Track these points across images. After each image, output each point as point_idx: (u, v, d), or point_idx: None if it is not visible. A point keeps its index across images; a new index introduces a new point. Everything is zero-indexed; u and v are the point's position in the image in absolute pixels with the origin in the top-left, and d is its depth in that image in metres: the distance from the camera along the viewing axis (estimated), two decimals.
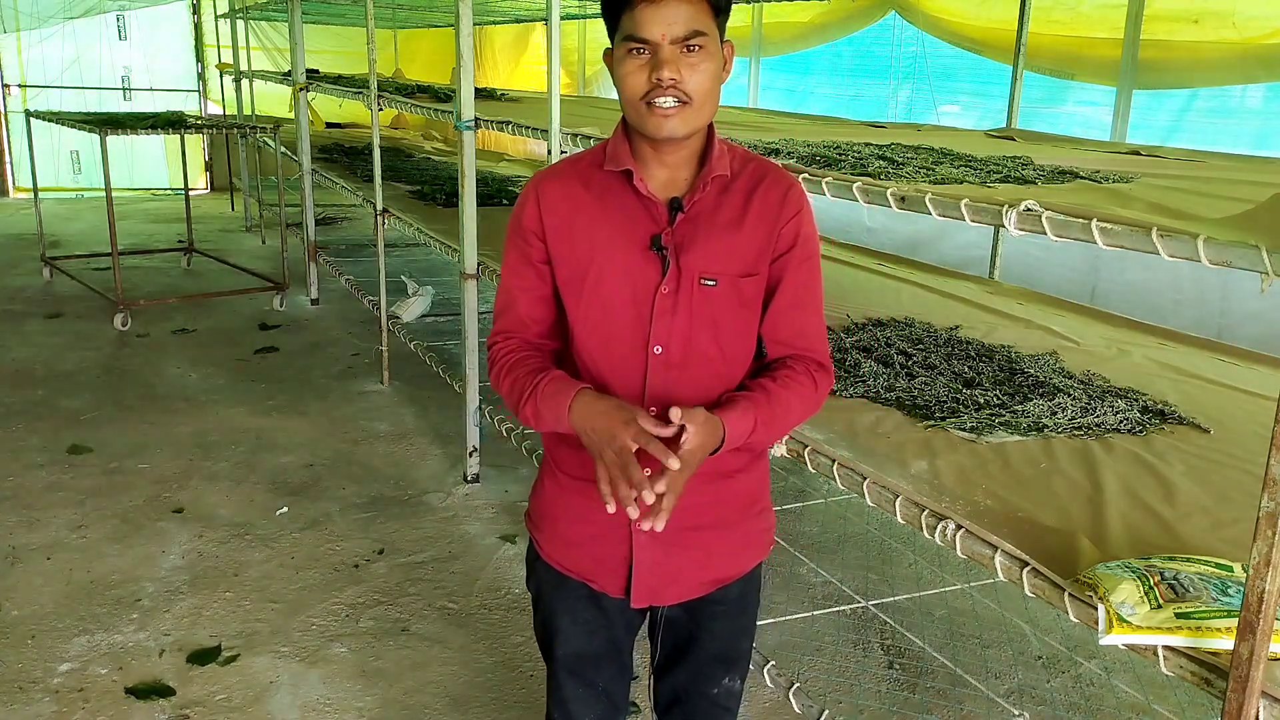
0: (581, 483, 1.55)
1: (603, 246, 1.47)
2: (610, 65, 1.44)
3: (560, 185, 1.51)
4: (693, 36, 1.36)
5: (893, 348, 2.71)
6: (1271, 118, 4.82)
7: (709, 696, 1.72)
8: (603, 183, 1.49)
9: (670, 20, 1.34)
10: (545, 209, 1.50)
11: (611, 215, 1.47)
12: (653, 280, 1.45)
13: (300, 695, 2.66)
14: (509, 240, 1.56)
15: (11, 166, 10.04)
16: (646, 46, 1.36)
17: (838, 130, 3.39)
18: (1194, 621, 1.32)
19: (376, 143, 4.77)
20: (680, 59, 1.36)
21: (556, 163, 1.59)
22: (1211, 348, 2.94)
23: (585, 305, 1.49)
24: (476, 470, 3.99)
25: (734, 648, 1.72)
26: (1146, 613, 1.35)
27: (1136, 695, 2.68)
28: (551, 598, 1.67)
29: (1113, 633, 1.36)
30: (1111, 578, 1.43)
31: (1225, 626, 1.30)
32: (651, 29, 1.35)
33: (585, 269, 1.48)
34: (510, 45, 10.18)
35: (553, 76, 3.06)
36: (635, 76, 1.38)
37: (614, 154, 1.47)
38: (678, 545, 1.56)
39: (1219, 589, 1.38)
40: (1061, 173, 2.31)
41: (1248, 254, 1.22)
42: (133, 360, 5.34)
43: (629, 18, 1.36)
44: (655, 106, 1.38)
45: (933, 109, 6.18)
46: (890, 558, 3.41)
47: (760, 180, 1.50)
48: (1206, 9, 4.41)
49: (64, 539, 3.42)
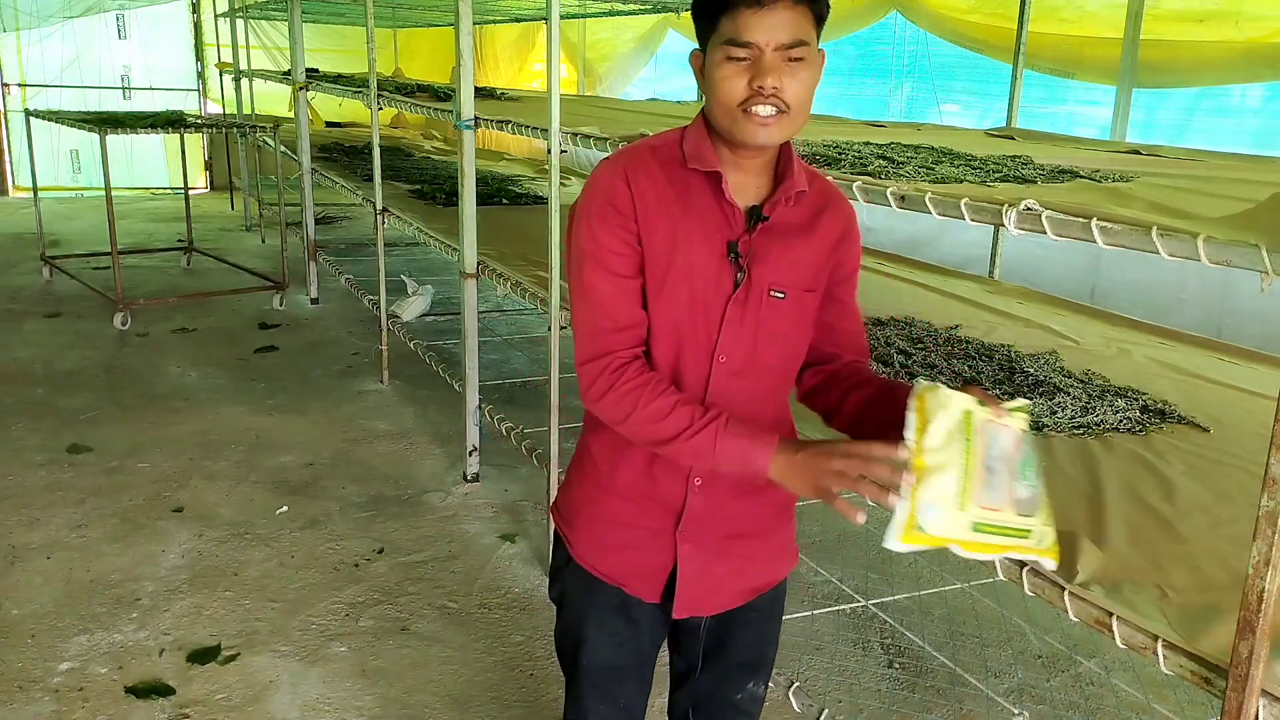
0: (628, 486, 1.51)
1: (683, 246, 1.40)
2: (699, 67, 1.39)
3: (645, 171, 1.43)
4: (796, 45, 1.32)
5: (892, 347, 2.71)
6: (1271, 117, 4.82)
7: (733, 703, 1.69)
8: (684, 179, 1.43)
9: (775, 28, 1.30)
10: (637, 191, 1.41)
11: (692, 215, 1.42)
12: (726, 288, 1.42)
13: (300, 694, 2.66)
14: (595, 223, 1.41)
15: (11, 166, 10.04)
16: (748, 52, 1.32)
17: (837, 129, 3.39)
18: (989, 537, 1.27)
19: (376, 142, 4.77)
20: (783, 67, 1.32)
21: (629, 146, 1.51)
22: (1211, 347, 2.95)
23: (664, 305, 1.42)
24: (476, 469, 3.99)
25: (761, 654, 1.69)
26: (946, 518, 1.25)
27: (1136, 694, 2.68)
28: (579, 604, 1.62)
29: (903, 540, 1.26)
30: (937, 453, 1.26)
31: (1011, 544, 1.28)
32: (756, 34, 1.30)
33: (668, 267, 1.41)
34: (513, 45, 10.17)
35: (553, 76, 3.05)
36: (734, 81, 1.33)
37: (697, 153, 1.41)
38: (722, 554, 1.53)
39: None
40: (1061, 172, 2.31)
41: (1247, 253, 1.22)
42: (132, 359, 5.34)
43: (730, 22, 1.31)
44: (753, 113, 1.33)
45: (934, 108, 6.18)
46: (890, 557, 3.41)
47: (828, 201, 1.50)
48: (1212, 9, 4.41)
49: (64, 538, 3.42)
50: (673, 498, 1.50)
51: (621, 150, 1.51)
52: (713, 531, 1.52)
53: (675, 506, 1.50)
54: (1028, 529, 1.29)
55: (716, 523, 1.51)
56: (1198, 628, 1.41)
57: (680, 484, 1.49)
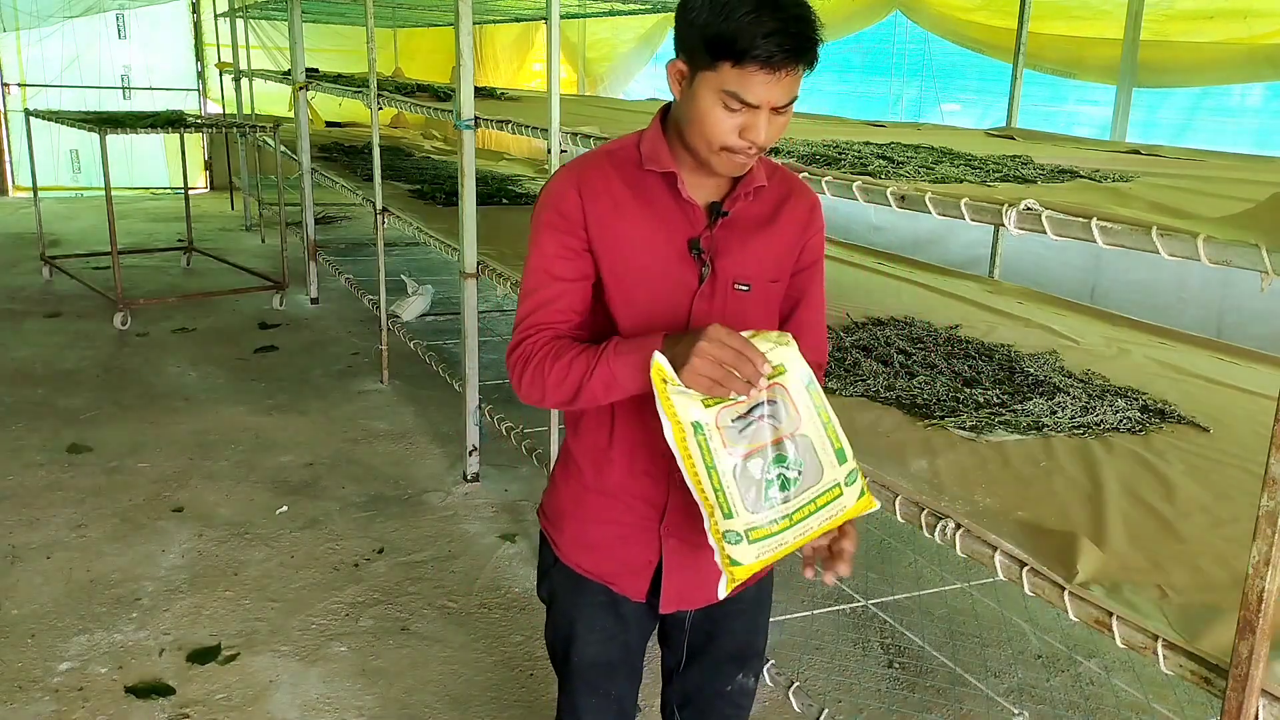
0: (610, 484, 1.54)
1: (643, 246, 1.44)
2: (679, 82, 1.39)
3: (600, 175, 1.46)
4: (789, 103, 1.34)
5: (892, 347, 2.71)
6: (1271, 116, 4.82)
7: (724, 695, 1.72)
8: (641, 181, 1.46)
9: (779, 92, 1.31)
10: (587, 197, 1.44)
11: (651, 215, 1.45)
12: (690, 284, 1.44)
13: (300, 694, 2.66)
14: (543, 230, 1.47)
15: (11, 165, 10.04)
16: (746, 107, 1.32)
17: (837, 129, 3.39)
18: (785, 535, 1.30)
19: (376, 141, 4.77)
20: (773, 120, 1.34)
21: (588, 153, 1.54)
22: (1211, 346, 2.94)
23: (627, 304, 1.46)
24: (476, 469, 3.99)
25: (750, 645, 1.71)
26: (742, 547, 1.29)
27: (1136, 694, 2.68)
28: (567, 603, 1.65)
29: (729, 587, 1.31)
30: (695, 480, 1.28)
31: (814, 526, 1.31)
32: (759, 97, 1.31)
33: (626, 268, 1.45)
34: (513, 45, 10.17)
35: (552, 75, 3.06)
36: (724, 125, 1.34)
37: (653, 154, 1.44)
38: (705, 547, 1.55)
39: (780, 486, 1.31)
40: (1061, 172, 2.31)
41: (1247, 253, 1.22)
42: (132, 359, 5.34)
43: (737, 76, 1.30)
44: (735, 156, 1.36)
45: (935, 107, 6.19)
46: (890, 556, 3.41)
47: (790, 191, 1.54)
48: (1223, 6, 4.40)
49: (64, 538, 3.42)
50: (655, 494, 1.52)
51: (577, 158, 1.55)
52: (697, 526, 1.52)
53: (658, 503, 1.52)
54: (816, 502, 1.31)
55: (700, 517, 1.51)
56: (1198, 628, 1.41)
57: (662, 480, 1.50)
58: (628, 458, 1.52)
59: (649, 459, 1.49)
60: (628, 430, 1.50)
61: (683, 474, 1.29)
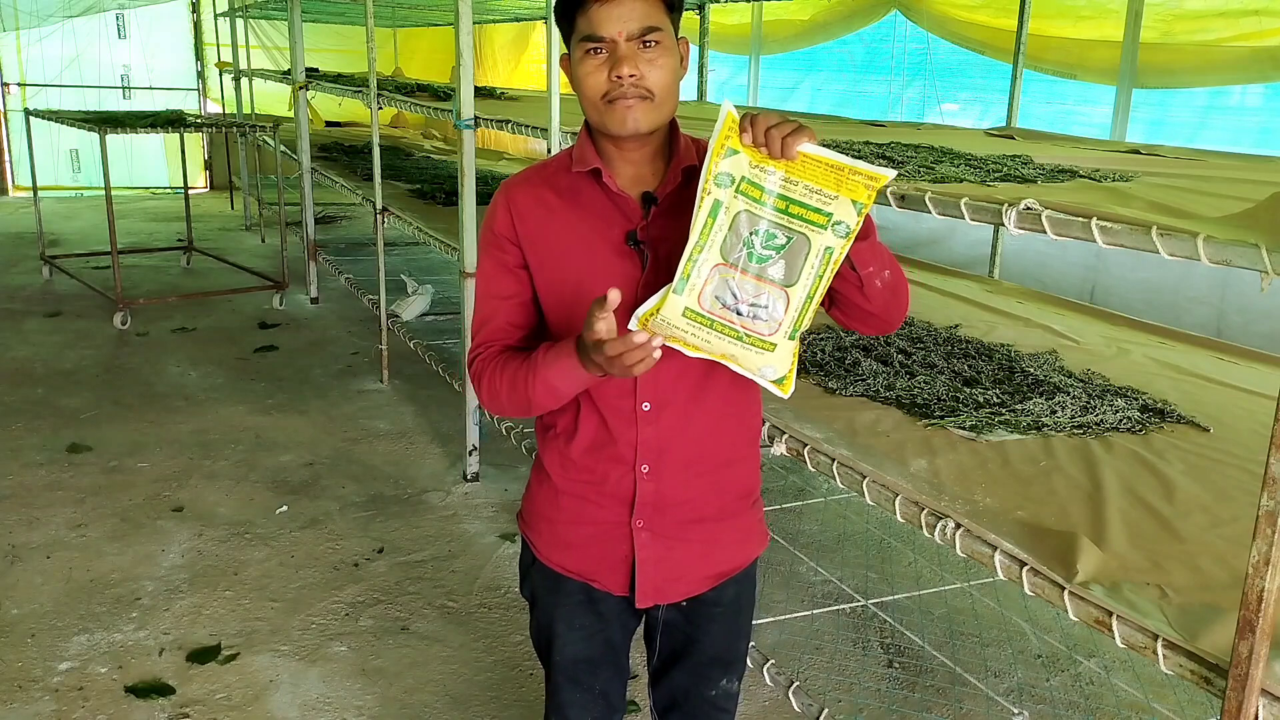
0: (579, 484, 1.56)
1: (580, 249, 1.47)
2: (568, 71, 1.44)
3: (530, 190, 1.51)
4: (649, 33, 1.36)
5: (892, 346, 2.71)
6: (1272, 116, 4.82)
7: (707, 699, 1.73)
8: (572, 185, 1.49)
9: (625, 18, 1.35)
10: (517, 215, 1.50)
11: (584, 217, 1.47)
12: (634, 276, 1.45)
13: (300, 694, 2.66)
14: (482, 250, 1.55)
15: (11, 165, 10.04)
16: (604, 45, 1.37)
17: (836, 129, 3.39)
18: (704, 332, 1.28)
19: (376, 141, 4.77)
20: (638, 55, 1.36)
21: (523, 170, 1.59)
22: (1211, 346, 2.94)
23: (569, 309, 1.48)
24: (476, 469, 3.99)
25: (731, 649, 1.72)
26: (672, 301, 1.27)
27: (1136, 694, 2.68)
28: (548, 602, 1.68)
29: (639, 323, 1.29)
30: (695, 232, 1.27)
31: (728, 351, 1.28)
32: (608, 27, 1.35)
33: (564, 273, 1.48)
34: (510, 44, 10.17)
35: (552, 76, 3.05)
36: (595, 76, 1.38)
37: (580, 156, 1.47)
38: (680, 539, 1.56)
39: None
40: (1061, 171, 2.31)
41: (1247, 253, 1.22)
42: (132, 359, 5.34)
43: (584, 18, 1.37)
44: (616, 103, 1.38)
45: (935, 107, 6.19)
46: (890, 556, 3.41)
47: None
48: (1234, 5, 4.39)
49: (63, 538, 3.42)
50: (623, 489, 1.53)
51: (512, 176, 1.59)
52: (670, 518, 1.55)
53: (626, 497, 1.54)
54: (743, 339, 1.28)
55: (672, 508, 1.54)
56: (1198, 627, 1.41)
57: (628, 474, 1.52)
58: (591, 455, 1.54)
59: (613, 457, 1.52)
60: (590, 431, 1.53)
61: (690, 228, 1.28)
